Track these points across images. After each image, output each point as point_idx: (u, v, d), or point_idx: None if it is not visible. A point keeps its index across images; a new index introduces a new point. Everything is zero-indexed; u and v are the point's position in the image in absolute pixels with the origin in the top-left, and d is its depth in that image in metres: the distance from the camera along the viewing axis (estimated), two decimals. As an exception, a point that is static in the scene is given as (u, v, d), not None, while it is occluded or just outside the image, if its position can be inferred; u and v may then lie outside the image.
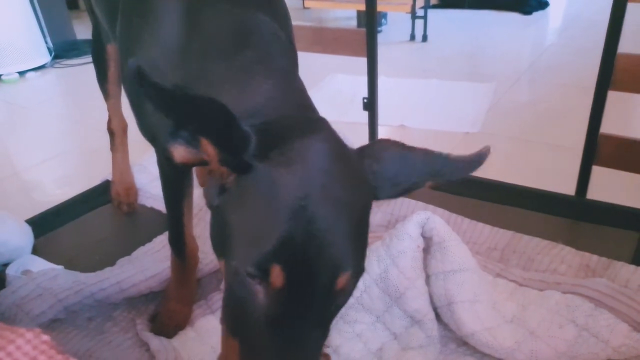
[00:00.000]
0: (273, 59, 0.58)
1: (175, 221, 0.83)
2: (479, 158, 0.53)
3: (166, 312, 0.87)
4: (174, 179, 0.79)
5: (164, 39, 0.62)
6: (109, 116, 1.21)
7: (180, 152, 0.65)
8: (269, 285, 0.43)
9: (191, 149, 0.64)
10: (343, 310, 0.82)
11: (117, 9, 0.71)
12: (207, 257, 0.97)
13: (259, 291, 0.44)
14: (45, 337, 0.53)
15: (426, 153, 0.52)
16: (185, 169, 0.77)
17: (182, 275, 0.88)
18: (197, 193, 1.21)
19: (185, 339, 0.84)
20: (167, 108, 0.42)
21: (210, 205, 0.50)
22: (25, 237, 1.05)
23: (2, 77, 2.78)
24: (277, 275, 0.42)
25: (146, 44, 0.63)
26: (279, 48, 0.60)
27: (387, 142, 0.53)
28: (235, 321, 0.48)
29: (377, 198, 0.51)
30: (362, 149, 0.53)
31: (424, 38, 3.08)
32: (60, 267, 0.96)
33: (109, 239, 1.13)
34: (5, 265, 0.99)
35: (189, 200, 0.82)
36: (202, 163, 0.65)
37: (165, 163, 0.75)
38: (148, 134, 0.70)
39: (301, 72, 0.66)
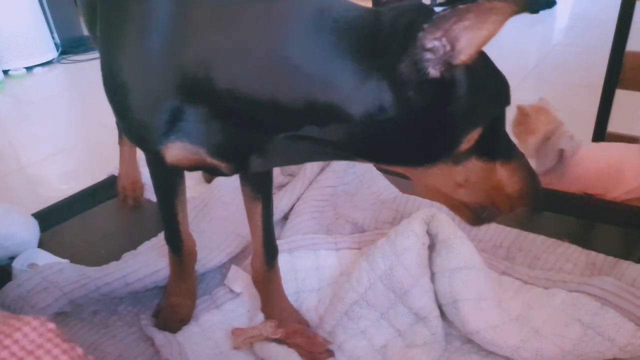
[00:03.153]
0: None
1: (169, 220, 0.82)
2: None
3: (169, 306, 0.87)
4: (165, 180, 0.77)
5: (155, 22, 0.54)
6: (116, 111, 1.20)
7: (174, 151, 0.59)
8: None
9: (188, 145, 0.58)
10: (347, 307, 0.83)
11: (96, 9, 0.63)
12: (211, 252, 0.97)
13: None
14: (51, 325, 0.53)
15: None
16: (175, 170, 0.74)
17: (180, 270, 0.88)
18: (201, 189, 1.22)
19: (190, 334, 0.84)
20: None
21: (408, 107, 0.49)
22: (31, 230, 1.06)
23: (10, 72, 2.80)
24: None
25: (130, 35, 0.56)
26: None
27: None
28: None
29: None
30: None
31: (430, 36, 3.06)
32: (66, 260, 0.96)
33: (114, 233, 1.13)
34: (12, 258, 1.00)
35: (182, 199, 0.81)
36: (195, 166, 0.61)
37: (155, 164, 0.72)
38: (135, 135, 0.63)
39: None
